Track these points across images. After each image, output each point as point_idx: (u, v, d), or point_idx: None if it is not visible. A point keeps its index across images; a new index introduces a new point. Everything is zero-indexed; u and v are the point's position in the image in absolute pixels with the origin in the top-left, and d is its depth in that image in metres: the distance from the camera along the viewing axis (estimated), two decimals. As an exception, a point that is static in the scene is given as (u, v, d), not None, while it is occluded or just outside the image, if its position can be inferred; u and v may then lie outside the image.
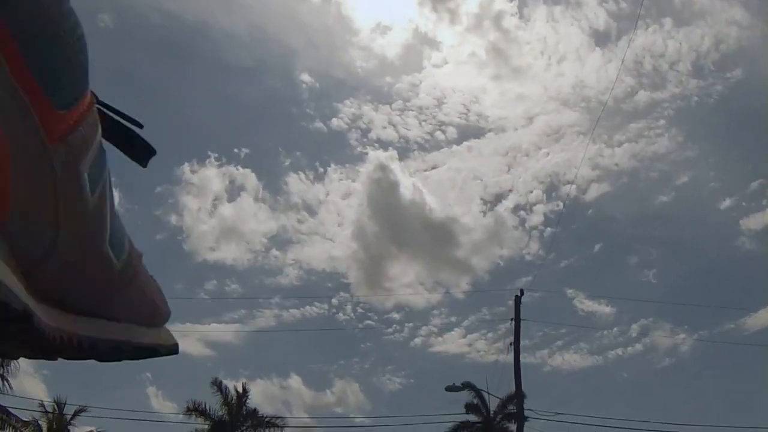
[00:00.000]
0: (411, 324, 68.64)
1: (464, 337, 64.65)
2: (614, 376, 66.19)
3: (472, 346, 64.16)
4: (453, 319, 69.93)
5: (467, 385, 26.61)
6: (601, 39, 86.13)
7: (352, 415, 62.96)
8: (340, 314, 71.84)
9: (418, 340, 67.41)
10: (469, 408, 45.71)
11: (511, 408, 44.79)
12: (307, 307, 70.73)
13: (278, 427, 46.63)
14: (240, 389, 47.26)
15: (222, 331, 60.98)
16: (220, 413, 46.62)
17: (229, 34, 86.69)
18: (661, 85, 73.15)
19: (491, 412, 45.63)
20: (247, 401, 46.89)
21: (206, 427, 46.12)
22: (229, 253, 76.10)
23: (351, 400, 63.95)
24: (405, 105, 75.95)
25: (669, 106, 72.22)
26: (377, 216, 73.64)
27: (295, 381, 64.60)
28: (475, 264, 75.27)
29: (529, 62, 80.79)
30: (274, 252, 75.24)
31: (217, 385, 47.17)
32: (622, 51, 75.34)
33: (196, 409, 46.36)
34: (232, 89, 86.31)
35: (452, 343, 67.72)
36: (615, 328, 65.39)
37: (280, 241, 78.49)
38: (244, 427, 46.57)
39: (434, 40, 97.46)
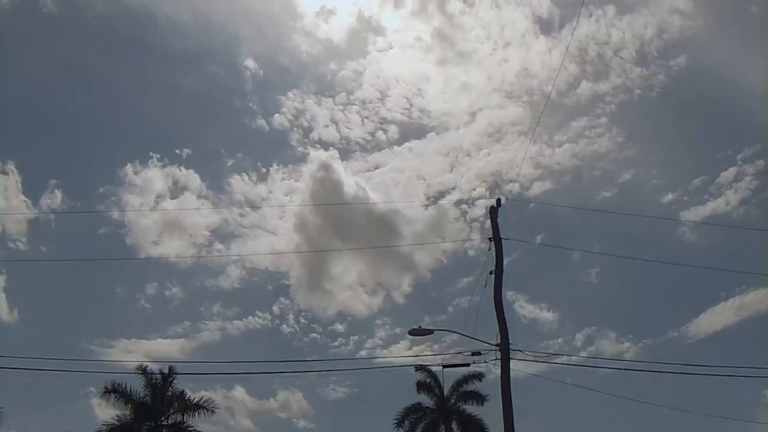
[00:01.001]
0: (356, 337, 68.64)
1: (410, 348, 66.05)
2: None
3: (419, 357, 61.75)
4: (398, 330, 69.46)
5: (429, 332, 23.44)
6: (545, 26, 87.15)
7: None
8: (284, 326, 70.63)
9: (363, 353, 67.85)
10: (421, 387, 42.36)
11: (470, 387, 41.91)
12: (250, 318, 69.88)
13: (208, 410, 41.67)
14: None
15: (168, 345, 61.67)
16: (142, 395, 41.47)
17: (174, 21, 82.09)
18: (604, 74, 73.03)
19: (445, 394, 42.54)
20: (173, 383, 41.86)
21: (127, 412, 40.75)
22: (172, 249, 73.21)
23: (295, 408, 63.78)
24: (348, 99, 78.52)
25: (611, 100, 72.04)
26: (319, 213, 71.99)
27: (238, 392, 62.13)
28: (417, 260, 73.04)
29: (475, 47, 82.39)
30: (218, 246, 73.76)
31: (142, 369, 41.90)
32: (566, 39, 75.95)
33: (115, 390, 40.89)
34: (177, 79, 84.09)
35: (398, 354, 67.67)
36: (560, 339, 66.03)
37: (222, 234, 75.88)
38: (170, 411, 41.51)
39: (379, 25, 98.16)
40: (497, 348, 23.02)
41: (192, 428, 41.43)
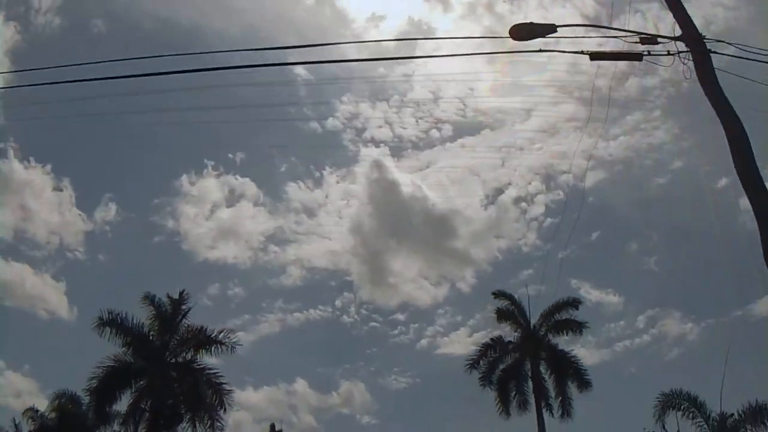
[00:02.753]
0: (416, 325, 65.13)
1: (470, 336, 60.06)
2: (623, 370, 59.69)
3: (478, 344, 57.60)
4: (459, 318, 67.03)
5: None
6: (593, 22, 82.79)
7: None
8: (345, 317, 67.06)
9: (424, 342, 64.51)
10: (502, 316, 32.85)
11: (564, 315, 32.37)
12: (311, 310, 67.30)
13: (226, 345, 32.48)
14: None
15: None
16: (146, 329, 32.61)
17: (223, 35, 75.65)
18: (652, 68, 69.13)
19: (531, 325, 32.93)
20: (187, 315, 32.94)
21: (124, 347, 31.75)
22: (229, 252, 70.63)
23: (357, 401, 60.00)
24: (402, 101, 71.00)
25: (660, 94, 68.67)
26: (376, 212, 68.97)
27: (300, 385, 58.41)
28: (475, 255, 68.30)
29: (525, 44, 73.99)
30: (274, 248, 69.36)
31: (149, 298, 33.18)
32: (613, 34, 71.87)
33: (111, 323, 31.99)
34: (229, 90, 76.52)
35: (458, 342, 61.88)
36: (622, 321, 61.25)
37: (279, 240, 71.68)
38: (174, 343, 32.34)
39: (429, 27, 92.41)
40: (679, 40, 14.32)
41: (202, 365, 32.21)
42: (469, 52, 16.92)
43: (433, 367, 62.69)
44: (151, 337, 32.44)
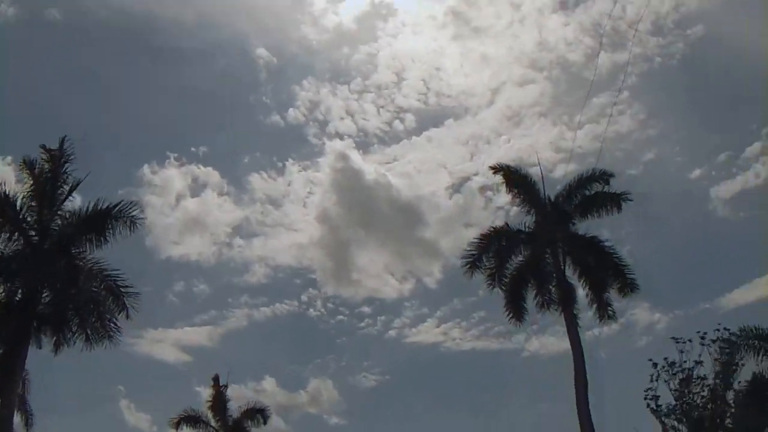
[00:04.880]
0: (383, 317, 65.81)
1: (438, 326, 63.11)
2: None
3: (447, 335, 63.20)
4: (425, 310, 66.97)
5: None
6: (561, 4, 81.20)
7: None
8: (311, 310, 67.83)
9: (392, 333, 64.74)
10: (513, 183, 24.45)
11: (595, 187, 24.20)
12: (277, 305, 67.32)
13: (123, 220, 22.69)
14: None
15: (195, 333, 57.39)
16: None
17: (178, 21, 76.25)
18: (620, 46, 65.23)
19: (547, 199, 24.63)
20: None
21: None
22: (193, 248, 68.22)
23: (325, 399, 60.19)
24: (364, 85, 74.15)
25: (632, 71, 65.89)
26: (342, 203, 68.40)
27: (269, 383, 57.10)
28: (443, 247, 67.23)
29: (491, 22, 72.96)
30: (239, 242, 68.75)
31: (27, 163, 23.33)
32: (581, 16, 69.60)
33: None
34: (186, 77, 77.59)
35: (426, 333, 64.05)
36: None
37: (245, 233, 71.06)
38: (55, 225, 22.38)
39: (390, 8, 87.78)
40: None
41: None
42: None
43: (402, 357, 64.02)
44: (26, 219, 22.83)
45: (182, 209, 67.75)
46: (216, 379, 37.20)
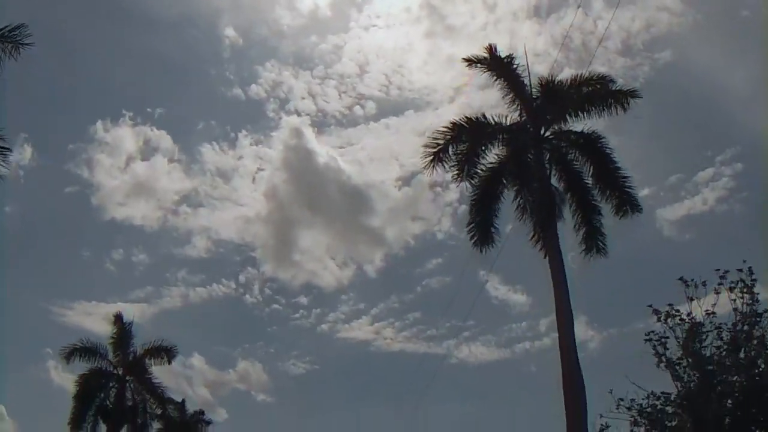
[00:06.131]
0: (318, 310, 66.35)
1: (371, 325, 63.58)
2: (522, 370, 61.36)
3: (379, 333, 63.43)
4: (361, 305, 66.93)
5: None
6: (536, 11, 77.52)
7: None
8: (248, 296, 67.22)
9: (324, 327, 65.26)
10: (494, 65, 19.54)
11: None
12: (215, 285, 66.43)
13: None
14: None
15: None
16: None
17: None
18: (587, 62, 62.03)
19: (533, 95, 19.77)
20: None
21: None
22: (138, 211, 68.24)
23: (254, 379, 62.76)
24: (326, 72, 74.70)
25: None
26: (290, 182, 68.18)
27: (197, 360, 57.89)
28: (389, 236, 67.22)
29: (465, 21, 69.50)
30: (185, 209, 67.61)
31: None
32: (553, 25, 65.90)
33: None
34: (154, 43, 75.96)
35: (359, 330, 64.55)
36: (524, 323, 62.73)
37: (192, 202, 71.93)
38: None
39: None
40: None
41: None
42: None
43: (332, 351, 64.34)
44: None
45: (131, 172, 66.30)
46: (119, 316, 34.46)
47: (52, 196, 69.58)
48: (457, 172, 18.85)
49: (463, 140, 19.06)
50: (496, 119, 19.44)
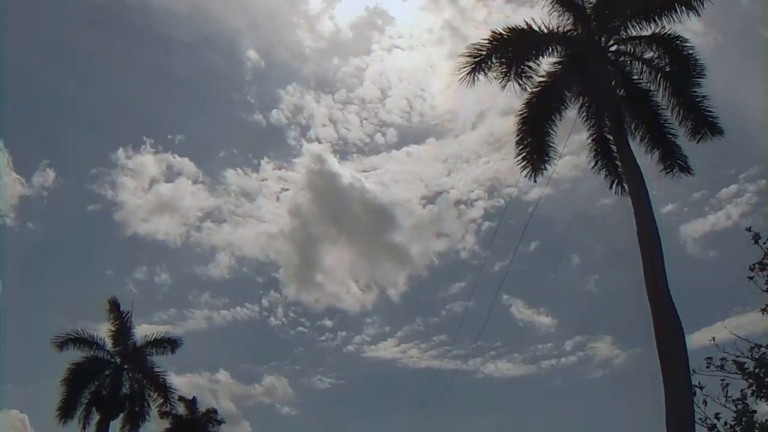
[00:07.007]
0: (344, 333, 65.37)
1: (398, 345, 63.06)
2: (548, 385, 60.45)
3: (405, 353, 62.91)
4: (387, 329, 66.05)
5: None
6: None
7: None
8: (272, 318, 66.60)
9: (351, 348, 64.59)
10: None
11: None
12: (238, 308, 65.72)
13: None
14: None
15: (152, 331, 44.28)
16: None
17: (172, 12, 73.67)
18: None
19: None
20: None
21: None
22: (161, 227, 67.19)
23: (279, 393, 61.72)
24: (348, 97, 73.23)
25: None
26: (315, 201, 67.87)
27: (223, 375, 58.82)
28: (414, 254, 66.45)
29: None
30: (209, 225, 67.29)
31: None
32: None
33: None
34: (171, 66, 75.48)
35: (386, 350, 63.57)
36: (549, 343, 61.28)
37: (216, 218, 69.55)
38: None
39: (387, 15, 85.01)
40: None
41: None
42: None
43: (358, 368, 63.68)
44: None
45: (155, 192, 65.66)
46: (114, 303, 31.25)
47: (74, 213, 69.47)
48: (504, 69, 15.93)
49: (511, 50, 16.24)
50: (548, 27, 16.66)
